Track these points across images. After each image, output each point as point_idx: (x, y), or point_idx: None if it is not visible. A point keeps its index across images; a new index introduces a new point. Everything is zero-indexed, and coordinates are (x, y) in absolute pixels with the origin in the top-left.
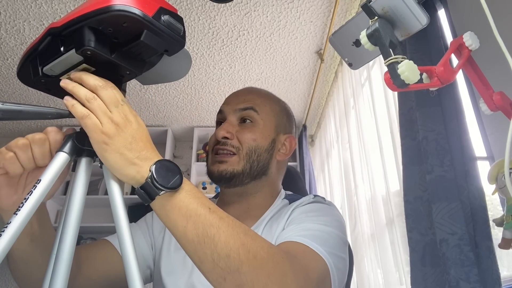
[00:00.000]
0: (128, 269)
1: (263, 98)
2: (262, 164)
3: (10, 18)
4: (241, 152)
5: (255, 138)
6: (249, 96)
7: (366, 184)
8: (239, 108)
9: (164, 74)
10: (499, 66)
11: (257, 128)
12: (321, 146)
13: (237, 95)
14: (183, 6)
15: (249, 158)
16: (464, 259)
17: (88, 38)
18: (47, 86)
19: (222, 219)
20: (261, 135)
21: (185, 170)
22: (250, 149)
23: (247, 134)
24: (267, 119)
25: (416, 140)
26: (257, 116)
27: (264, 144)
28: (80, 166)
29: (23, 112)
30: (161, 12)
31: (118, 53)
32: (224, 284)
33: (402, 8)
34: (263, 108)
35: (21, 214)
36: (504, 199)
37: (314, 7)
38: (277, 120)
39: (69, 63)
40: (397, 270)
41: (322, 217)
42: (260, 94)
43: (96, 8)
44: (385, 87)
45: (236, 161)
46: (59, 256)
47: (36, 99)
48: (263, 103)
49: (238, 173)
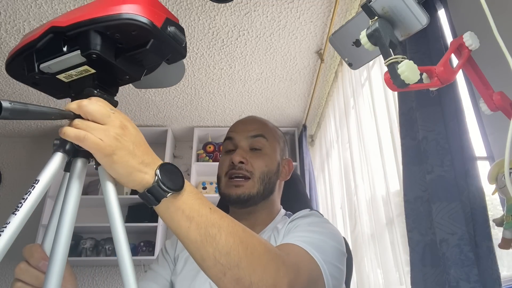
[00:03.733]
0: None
1: (268, 127)
2: (271, 186)
3: (10, 18)
4: (254, 177)
5: (267, 164)
6: (256, 125)
7: (366, 184)
8: (250, 136)
9: (159, 80)
10: (499, 66)
11: (267, 154)
12: (321, 146)
13: (245, 123)
14: (183, 6)
15: (262, 181)
16: (464, 259)
17: (95, 42)
18: (38, 82)
19: (222, 218)
20: (270, 160)
21: (185, 170)
22: (263, 173)
23: (260, 160)
24: (273, 145)
25: (416, 140)
26: (266, 143)
27: (273, 169)
28: (76, 166)
29: (29, 112)
30: (168, 23)
31: (121, 58)
32: (224, 279)
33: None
34: (270, 135)
35: (20, 214)
36: (504, 199)
37: (314, 7)
38: (279, 145)
39: (69, 63)
40: (397, 270)
41: (320, 228)
42: (265, 123)
43: (107, 14)
44: (385, 87)
45: (251, 185)
46: (53, 256)
47: (36, 99)
48: (269, 130)
49: (253, 196)
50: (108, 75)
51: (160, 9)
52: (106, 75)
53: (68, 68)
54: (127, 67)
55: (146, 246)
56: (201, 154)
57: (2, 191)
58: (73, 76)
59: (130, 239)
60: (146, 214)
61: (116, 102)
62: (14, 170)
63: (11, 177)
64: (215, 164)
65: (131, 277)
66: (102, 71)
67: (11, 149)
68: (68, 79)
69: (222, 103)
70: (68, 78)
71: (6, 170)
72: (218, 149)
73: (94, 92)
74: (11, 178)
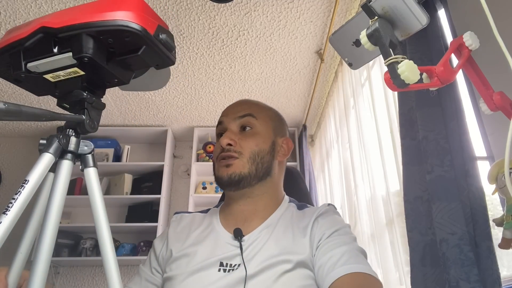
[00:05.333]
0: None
1: (258, 106)
2: (266, 166)
3: (10, 18)
4: (243, 157)
5: (257, 143)
6: (245, 105)
7: (366, 184)
8: (239, 116)
9: (145, 84)
10: (499, 66)
11: (257, 133)
12: (321, 146)
13: (233, 106)
14: (183, 6)
15: (253, 161)
16: (464, 259)
17: (88, 46)
18: (21, 79)
19: None
20: (262, 139)
21: (185, 170)
22: (253, 153)
23: (249, 140)
24: (264, 124)
25: (416, 140)
26: (255, 122)
27: (265, 147)
28: (61, 167)
29: (22, 113)
30: (160, 30)
31: (112, 62)
32: None
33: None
34: (260, 114)
35: (10, 213)
36: (504, 199)
37: (314, 7)
38: (273, 124)
39: (59, 64)
40: (397, 270)
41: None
42: (254, 103)
43: (102, 19)
44: (385, 87)
45: (241, 164)
46: (37, 256)
47: (36, 99)
48: (259, 109)
49: (245, 176)
50: (97, 78)
51: (152, 16)
52: (95, 77)
53: (57, 69)
54: (117, 71)
55: (146, 246)
56: (201, 154)
57: (2, 191)
58: (61, 77)
59: (130, 239)
60: (146, 214)
61: (103, 105)
62: (14, 170)
63: (11, 177)
64: None
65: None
66: (92, 74)
67: (11, 149)
68: (55, 79)
69: (222, 103)
70: (55, 78)
71: (6, 170)
72: None
73: (84, 94)
74: (11, 178)
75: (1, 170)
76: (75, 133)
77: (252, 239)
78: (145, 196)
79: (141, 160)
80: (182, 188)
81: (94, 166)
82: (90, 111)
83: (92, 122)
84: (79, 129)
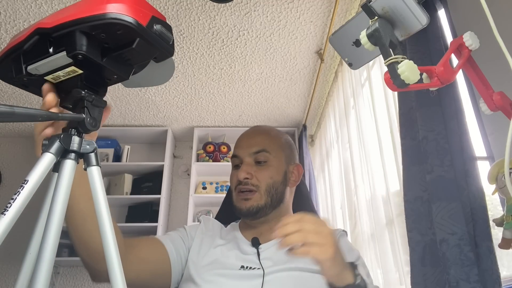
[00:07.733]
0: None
1: (270, 137)
2: (279, 195)
3: (10, 18)
4: (260, 189)
5: (271, 175)
6: (258, 139)
7: (366, 184)
8: (253, 152)
9: (149, 79)
10: (499, 66)
11: (271, 166)
12: (321, 146)
13: (248, 137)
14: (183, 6)
15: (269, 193)
16: (464, 259)
17: (80, 43)
18: (27, 83)
19: None
20: (276, 170)
21: (185, 170)
22: (269, 185)
23: (264, 173)
24: (277, 156)
25: (416, 140)
26: (269, 155)
27: (279, 178)
28: (64, 167)
29: (15, 114)
30: (154, 21)
31: (108, 58)
32: None
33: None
34: (273, 146)
35: (9, 214)
36: (504, 199)
37: (314, 7)
38: (284, 154)
39: (56, 64)
40: (397, 270)
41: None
42: (268, 133)
43: (91, 14)
44: (385, 87)
45: (259, 197)
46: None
47: (36, 99)
48: (271, 142)
49: (262, 207)
50: (96, 75)
51: (145, 7)
52: (93, 75)
53: (56, 69)
54: (114, 66)
55: None
56: (201, 154)
57: (2, 191)
58: (61, 77)
59: None
60: (146, 214)
61: (104, 102)
62: (14, 170)
63: (11, 177)
64: (215, 164)
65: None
66: (90, 72)
67: (11, 149)
68: (56, 80)
69: (222, 103)
70: (56, 79)
71: (6, 170)
72: (218, 149)
73: (82, 93)
74: (11, 178)
75: (1, 170)
76: (77, 132)
77: (268, 246)
78: (145, 196)
79: (141, 160)
80: (182, 188)
81: (97, 165)
82: (91, 109)
83: (93, 120)
84: (81, 128)
